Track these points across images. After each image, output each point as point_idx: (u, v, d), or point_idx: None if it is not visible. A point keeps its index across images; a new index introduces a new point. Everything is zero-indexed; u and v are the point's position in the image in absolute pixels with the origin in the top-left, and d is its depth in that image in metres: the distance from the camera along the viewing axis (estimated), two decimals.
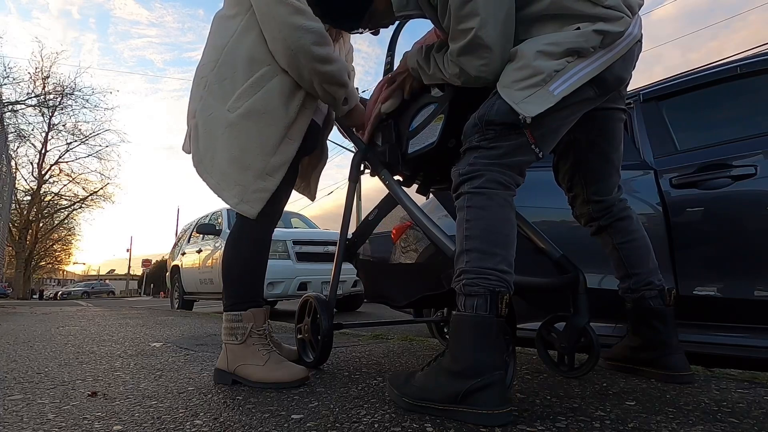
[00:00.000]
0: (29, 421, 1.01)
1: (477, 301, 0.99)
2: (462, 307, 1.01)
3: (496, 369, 0.94)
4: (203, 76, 1.43)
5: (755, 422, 0.93)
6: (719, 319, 1.61)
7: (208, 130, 1.39)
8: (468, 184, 1.08)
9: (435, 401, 0.98)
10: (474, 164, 1.09)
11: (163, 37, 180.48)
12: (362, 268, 1.64)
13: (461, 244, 1.05)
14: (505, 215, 1.06)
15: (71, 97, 21.43)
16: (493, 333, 0.98)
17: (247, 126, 1.35)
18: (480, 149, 1.09)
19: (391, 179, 1.40)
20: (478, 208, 1.06)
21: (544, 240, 1.43)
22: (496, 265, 1.01)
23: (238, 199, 1.35)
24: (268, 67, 1.37)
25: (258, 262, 1.46)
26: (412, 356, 1.76)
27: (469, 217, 1.06)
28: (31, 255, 24.37)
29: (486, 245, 1.02)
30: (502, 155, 1.08)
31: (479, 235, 1.03)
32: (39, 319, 4.42)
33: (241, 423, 0.97)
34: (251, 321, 1.36)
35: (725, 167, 1.62)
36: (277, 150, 1.37)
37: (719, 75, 1.80)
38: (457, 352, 0.99)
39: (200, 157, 1.41)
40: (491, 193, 1.06)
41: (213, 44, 1.45)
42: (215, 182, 1.38)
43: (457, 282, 1.04)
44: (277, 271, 4.88)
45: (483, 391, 0.93)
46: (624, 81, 1.15)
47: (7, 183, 8.93)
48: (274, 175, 1.37)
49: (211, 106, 1.39)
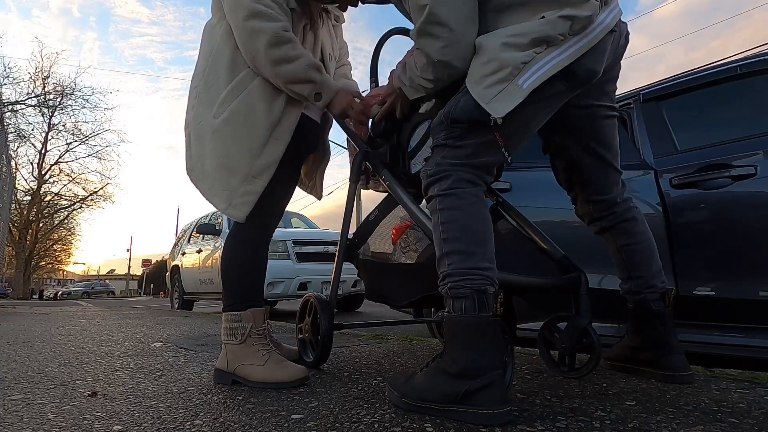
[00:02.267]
0: (29, 421, 1.01)
1: (465, 303, 0.99)
2: (451, 309, 1.02)
3: (495, 369, 0.94)
4: (195, 86, 1.46)
5: (755, 422, 0.93)
6: (720, 319, 1.61)
7: (198, 137, 1.42)
8: (437, 186, 1.09)
9: (434, 402, 0.98)
10: (441, 164, 1.09)
11: (164, 35, 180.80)
12: (363, 268, 1.64)
13: (440, 248, 1.06)
14: (478, 212, 1.06)
15: (71, 97, 21.45)
16: (488, 333, 0.98)
17: (231, 130, 1.36)
18: (446, 148, 1.09)
19: (391, 179, 1.40)
20: (450, 210, 1.06)
21: (546, 240, 1.43)
22: (477, 264, 1.01)
23: (226, 204, 1.37)
24: (247, 69, 1.38)
25: (256, 262, 1.46)
26: (412, 356, 1.76)
27: (443, 220, 1.07)
28: (31, 255, 24.36)
29: (464, 245, 1.03)
30: (468, 155, 1.08)
31: (457, 237, 1.04)
32: (39, 319, 4.42)
33: (241, 423, 0.97)
34: (251, 321, 1.37)
35: (725, 167, 1.62)
36: (262, 151, 1.37)
37: (719, 75, 1.80)
38: (454, 354, 0.99)
39: (192, 165, 1.44)
40: (461, 193, 1.06)
41: (203, 52, 1.47)
42: (206, 188, 1.41)
43: (442, 286, 1.04)
44: (277, 271, 4.88)
45: (482, 391, 0.93)
46: (596, 73, 1.08)
47: (7, 183, 8.93)
48: (260, 177, 1.38)
49: (201, 114, 1.41)
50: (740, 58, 1.88)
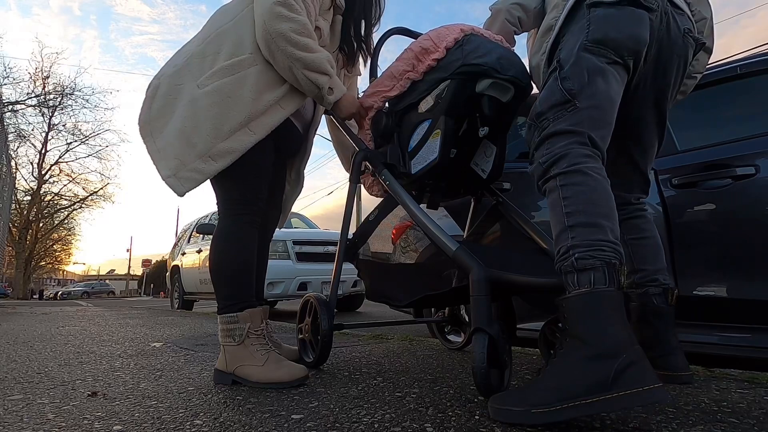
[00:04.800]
0: (29, 421, 1.01)
1: (594, 275, 0.92)
2: (575, 284, 0.94)
3: (634, 344, 0.86)
4: (188, 49, 1.44)
5: (755, 422, 0.93)
6: (720, 319, 1.61)
7: (169, 96, 1.38)
8: (555, 168, 1.06)
9: (581, 395, 0.83)
10: (550, 150, 1.08)
11: (165, 33, 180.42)
12: (363, 268, 1.64)
13: (562, 223, 1.01)
14: (604, 187, 1.03)
15: (71, 97, 21.38)
16: (620, 307, 0.90)
17: (208, 104, 1.33)
18: (545, 140, 1.10)
19: (392, 179, 1.40)
20: (574, 185, 1.02)
21: (546, 240, 1.43)
22: (606, 236, 0.96)
23: (171, 172, 1.31)
24: (249, 55, 1.37)
25: (244, 260, 1.41)
26: (412, 356, 1.76)
27: (566, 195, 1.02)
28: (31, 255, 24.35)
29: (592, 218, 0.98)
30: (571, 132, 1.07)
31: (582, 210, 0.99)
32: (39, 319, 4.42)
33: (241, 423, 0.97)
34: (248, 321, 1.35)
35: (725, 167, 1.62)
36: (230, 137, 1.33)
37: (719, 75, 1.80)
38: (585, 334, 0.88)
39: (148, 119, 1.38)
40: (585, 168, 1.03)
41: (208, 26, 1.47)
42: (155, 148, 1.36)
43: (564, 259, 0.97)
44: (277, 271, 4.87)
45: (631, 368, 0.81)
46: (615, 40, 1.12)
47: (7, 183, 8.93)
48: (217, 161, 1.33)
49: (183, 77, 1.38)
50: (742, 57, 1.88)
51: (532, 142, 1.14)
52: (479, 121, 1.41)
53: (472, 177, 1.56)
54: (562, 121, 1.08)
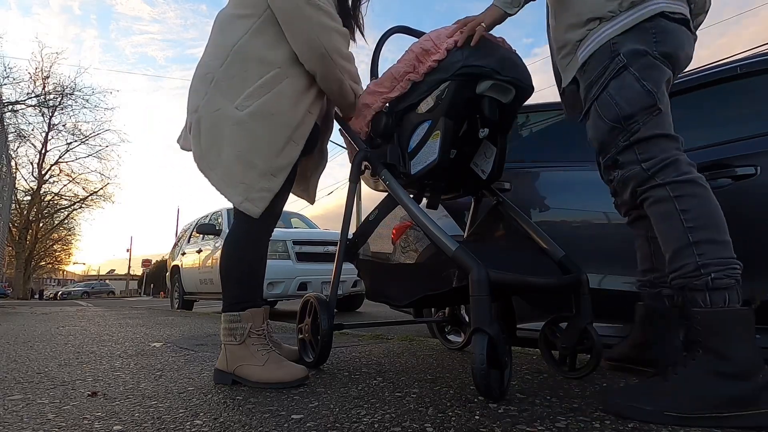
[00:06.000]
0: (29, 421, 1.01)
1: (729, 294, 0.95)
2: (706, 302, 0.96)
3: (764, 365, 0.91)
4: (208, 72, 1.42)
5: None
6: None
7: (213, 125, 1.38)
8: (662, 175, 1.05)
9: (709, 408, 0.89)
10: (651, 155, 1.06)
11: (165, 33, 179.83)
12: (363, 268, 1.64)
13: (683, 239, 1.01)
14: (714, 200, 1.03)
15: (71, 97, 21.36)
16: (753, 326, 0.94)
17: (257, 125, 1.35)
18: (637, 144, 1.08)
19: (391, 179, 1.40)
20: (692, 197, 1.02)
21: (547, 240, 1.43)
22: (732, 254, 0.98)
23: (243, 197, 1.35)
24: (278, 69, 1.38)
25: (256, 262, 1.46)
26: (412, 356, 1.76)
27: (684, 207, 1.02)
28: (31, 255, 24.35)
29: (717, 234, 0.99)
30: (669, 137, 1.08)
31: (705, 225, 1.00)
32: (39, 319, 4.42)
33: (241, 423, 0.97)
34: (250, 321, 1.36)
35: (725, 167, 1.61)
36: (282, 152, 1.38)
37: (719, 75, 1.80)
38: (725, 351, 0.92)
39: (202, 153, 1.40)
40: (697, 179, 1.03)
41: (220, 42, 1.44)
42: (218, 178, 1.38)
43: (697, 277, 0.98)
44: (277, 271, 4.88)
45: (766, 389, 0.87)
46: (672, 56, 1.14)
47: (7, 183, 8.93)
48: (278, 176, 1.38)
49: (218, 103, 1.38)
50: (742, 57, 1.88)
51: (615, 144, 1.11)
52: (479, 122, 1.40)
53: (472, 177, 1.56)
54: (653, 125, 1.08)
